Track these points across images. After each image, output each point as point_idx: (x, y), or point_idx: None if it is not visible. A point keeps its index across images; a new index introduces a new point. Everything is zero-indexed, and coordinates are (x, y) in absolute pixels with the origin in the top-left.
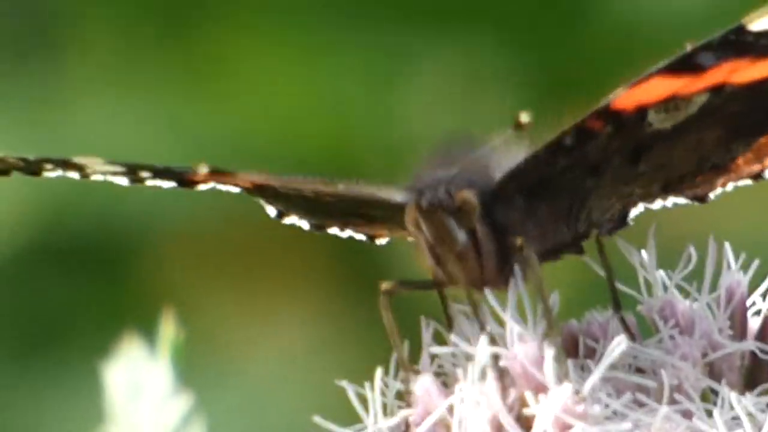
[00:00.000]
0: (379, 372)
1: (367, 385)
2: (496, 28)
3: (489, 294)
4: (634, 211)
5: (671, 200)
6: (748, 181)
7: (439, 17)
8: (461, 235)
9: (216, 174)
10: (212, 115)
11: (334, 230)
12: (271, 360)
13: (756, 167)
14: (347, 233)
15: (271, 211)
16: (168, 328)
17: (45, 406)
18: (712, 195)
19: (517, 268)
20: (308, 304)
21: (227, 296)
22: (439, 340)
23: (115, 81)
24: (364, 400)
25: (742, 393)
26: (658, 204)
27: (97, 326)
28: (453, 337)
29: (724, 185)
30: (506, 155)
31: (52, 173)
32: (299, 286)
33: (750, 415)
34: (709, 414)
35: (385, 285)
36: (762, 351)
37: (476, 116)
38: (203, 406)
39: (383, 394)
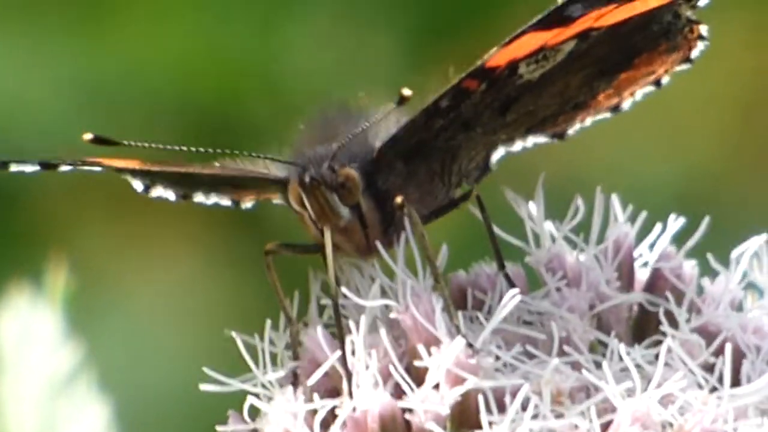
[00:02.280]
0: (268, 323)
1: (257, 337)
2: None
3: (380, 248)
4: (496, 156)
5: (531, 141)
6: (607, 115)
7: None
8: (345, 211)
9: (85, 162)
10: (96, 57)
11: (199, 198)
12: (161, 305)
13: (615, 101)
14: (212, 200)
15: (138, 185)
16: (57, 275)
17: None
18: (570, 131)
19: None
20: (199, 245)
21: (114, 239)
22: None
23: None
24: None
25: (630, 345)
26: (518, 146)
27: None
28: (343, 289)
29: (582, 121)
30: (384, 123)
31: None
32: (189, 226)
33: (638, 366)
34: (598, 366)
35: (268, 246)
36: (650, 303)
37: (358, 56)
38: (93, 353)
39: (272, 344)
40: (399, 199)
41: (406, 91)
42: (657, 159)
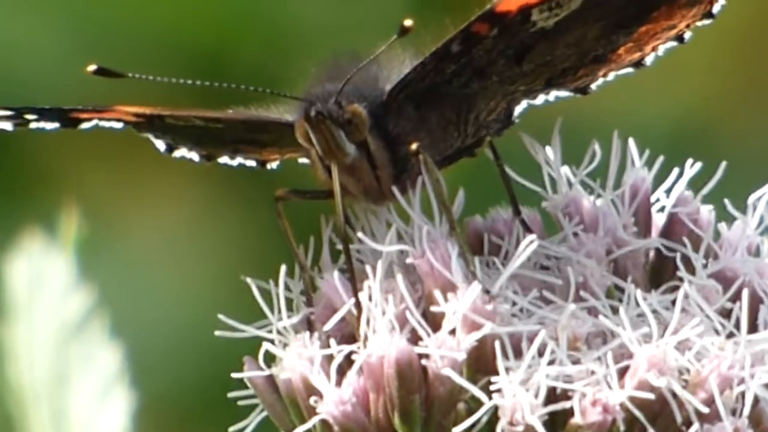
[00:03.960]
0: (283, 269)
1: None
2: None
3: (396, 192)
4: (518, 109)
5: (553, 94)
6: (629, 70)
7: None
8: (351, 148)
9: (101, 110)
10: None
11: (224, 159)
12: (169, 247)
13: (637, 55)
14: (237, 161)
15: (160, 145)
16: (69, 220)
17: None
18: (593, 86)
19: (418, 170)
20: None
21: (120, 181)
22: None
23: None
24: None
25: (647, 290)
26: (540, 99)
27: None
28: (359, 234)
29: (605, 75)
30: (394, 66)
31: None
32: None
33: (655, 312)
34: (615, 311)
35: (278, 191)
36: (666, 248)
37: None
38: (104, 297)
39: (288, 289)
40: (414, 146)
41: (408, 22)
42: (654, 98)
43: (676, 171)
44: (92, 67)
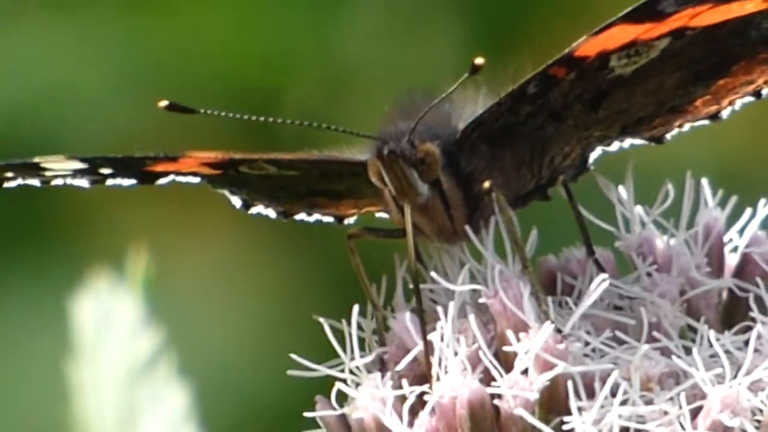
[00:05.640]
0: (355, 309)
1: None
2: None
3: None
4: (594, 155)
5: (628, 142)
6: (705, 122)
7: None
8: (424, 187)
9: (170, 160)
10: (153, 41)
11: (301, 216)
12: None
13: (714, 108)
14: (315, 217)
15: (236, 201)
16: (137, 260)
17: (14, 338)
18: (668, 136)
19: (491, 209)
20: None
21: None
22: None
23: (54, 5)
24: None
25: (720, 331)
26: (615, 146)
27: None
28: (432, 274)
29: (681, 126)
30: (467, 104)
31: (11, 183)
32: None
33: (728, 352)
34: (688, 352)
35: (351, 230)
36: (739, 288)
37: (417, 49)
38: (171, 338)
39: (359, 328)
40: (487, 184)
41: (479, 60)
42: (697, 140)
43: (749, 211)
44: (164, 103)
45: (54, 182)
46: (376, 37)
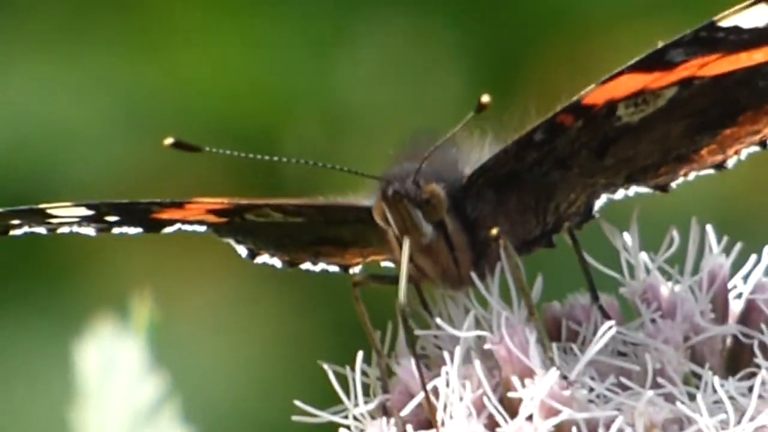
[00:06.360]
0: (360, 355)
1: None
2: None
3: (475, 278)
4: (599, 203)
5: (633, 190)
6: (710, 171)
7: None
8: (428, 228)
9: (176, 206)
10: (151, 80)
11: (306, 265)
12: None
13: (719, 157)
14: (320, 267)
15: (242, 251)
16: (142, 305)
17: (17, 383)
18: (673, 184)
19: (496, 256)
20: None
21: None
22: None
23: (52, 45)
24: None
25: (724, 377)
26: (620, 194)
27: (70, 302)
28: (437, 320)
29: (686, 175)
30: (473, 147)
31: (18, 231)
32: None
33: (732, 398)
34: (692, 398)
35: (356, 277)
36: (744, 335)
37: (418, 88)
38: (175, 384)
39: (363, 374)
40: (495, 231)
41: (485, 98)
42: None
43: (753, 257)
44: (169, 141)
45: (60, 230)
46: (377, 78)
